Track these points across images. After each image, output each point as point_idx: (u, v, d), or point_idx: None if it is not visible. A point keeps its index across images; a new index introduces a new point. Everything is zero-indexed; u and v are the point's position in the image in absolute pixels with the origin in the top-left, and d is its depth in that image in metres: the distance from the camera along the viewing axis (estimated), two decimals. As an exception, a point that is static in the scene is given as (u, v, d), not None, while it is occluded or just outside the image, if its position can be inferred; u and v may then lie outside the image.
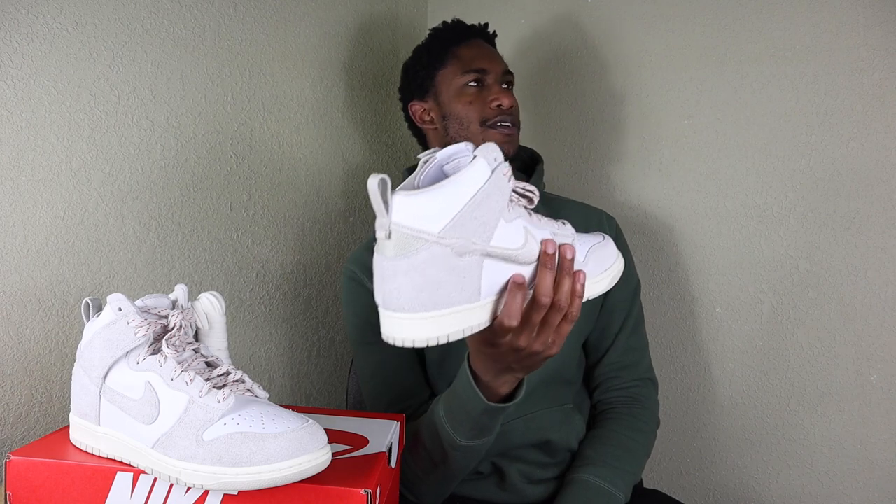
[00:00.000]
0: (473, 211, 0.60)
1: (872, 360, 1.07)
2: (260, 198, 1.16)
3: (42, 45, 0.86)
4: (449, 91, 1.05)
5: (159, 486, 0.62)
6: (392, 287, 0.60)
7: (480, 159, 0.61)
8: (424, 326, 0.60)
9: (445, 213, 0.59)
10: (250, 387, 0.65)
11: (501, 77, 1.06)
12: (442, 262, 0.59)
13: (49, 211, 0.88)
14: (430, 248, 0.59)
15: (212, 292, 0.69)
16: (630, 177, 1.29)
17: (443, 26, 1.12)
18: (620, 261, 0.74)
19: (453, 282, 0.60)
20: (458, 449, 0.83)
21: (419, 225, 0.58)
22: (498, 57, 1.09)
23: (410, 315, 0.60)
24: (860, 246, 1.07)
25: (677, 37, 1.22)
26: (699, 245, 1.23)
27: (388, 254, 0.59)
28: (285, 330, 1.23)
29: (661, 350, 1.27)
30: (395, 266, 0.59)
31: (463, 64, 1.05)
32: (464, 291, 0.61)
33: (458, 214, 0.59)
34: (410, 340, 0.61)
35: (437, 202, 0.59)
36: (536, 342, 0.68)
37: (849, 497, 1.11)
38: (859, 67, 1.05)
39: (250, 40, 1.13)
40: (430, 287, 0.59)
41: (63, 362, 0.90)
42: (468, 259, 0.61)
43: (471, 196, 0.60)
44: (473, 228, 0.60)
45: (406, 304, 0.60)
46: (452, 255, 0.60)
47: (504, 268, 0.64)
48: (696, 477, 1.26)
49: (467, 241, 0.60)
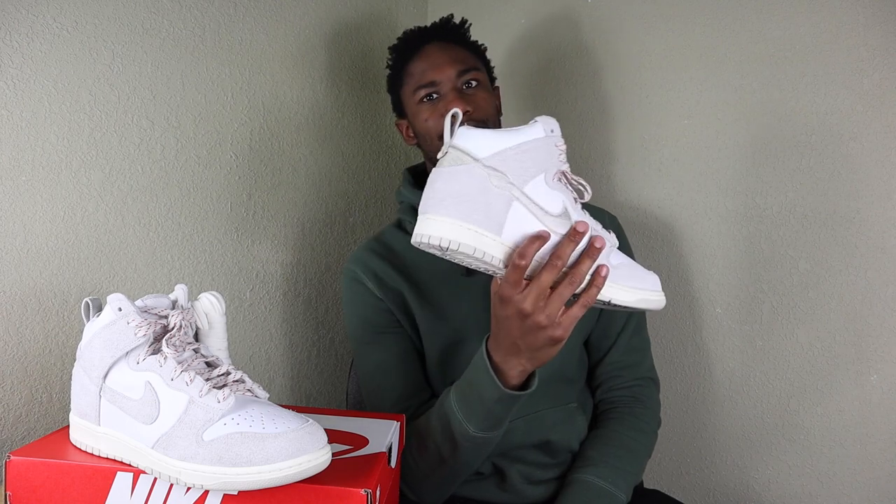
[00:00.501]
0: (518, 154, 0.69)
1: (872, 360, 1.07)
2: (260, 198, 1.16)
3: (42, 45, 0.86)
4: (411, 109, 1.03)
5: (159, 486, 0.62)
6: (430, 190, 0.69)
7: (538, 123, 0.71)
8: (440, 227, 0.67)
9: (495, 146, 0.68)
10: (250, 387, 0.65)
11: (456, 80, 0.98)
12: (477, 181, 0.67)
13: (49, 211, 0.88)
14: (471, 167, 0.68)
15: (212, 292, 0.69)
16: (630, 177, 1.29)
17: (398, 41, 1.07)
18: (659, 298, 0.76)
19: (481, 202, 0.67)
20: (469, 440, 0.83)
21: (472, 148, 0.68)
22: (454, 57, 1.00)
23: (433, 215, 0.68)
24: (860, 246, 1.07)
25: (677, 37, 1.22)
26: (699, 245, 1.23)
27: (440, 165, 0.69)
28: (285, 330, 1.23)
29: (661, 350, 1.27)
30: (438, 172, 0.69)
31: (414, 80, 1.01)
32: (488, 218, 0.68)
33: (504, 150, 0.68)
34: (427, 236, 0.67)
35: (491, 139, 0.69)
36: (542, 312, 0.71)
37: (849, 497, 1.11)
38: (859, 67, 1.05)
39: (250, 40, 1.13)
40: (459, 196, 0.67)
41: (63, 362, 0.90)
42: (499, 191, 0.68)
43: (519, 143, 0.69)
44: (514, 168, 0.68)
45: (433, 206, 0.68)
46: (488, 179, 0.68)
47: (533, 223, 0.69)
48: (696, 477, 1.26)
49: (504, 175, 0.68)
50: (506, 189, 0.68)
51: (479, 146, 0.68)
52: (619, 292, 0.73)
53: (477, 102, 0.98)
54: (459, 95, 0.97)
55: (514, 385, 0.79)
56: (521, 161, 0.68)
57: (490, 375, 0.78)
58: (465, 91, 0.99)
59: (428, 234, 0.67)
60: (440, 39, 1.03)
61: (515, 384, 0.78)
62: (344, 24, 1.31)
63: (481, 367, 0.79)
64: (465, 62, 1.00)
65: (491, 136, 0.69)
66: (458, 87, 0.99)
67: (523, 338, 0.73)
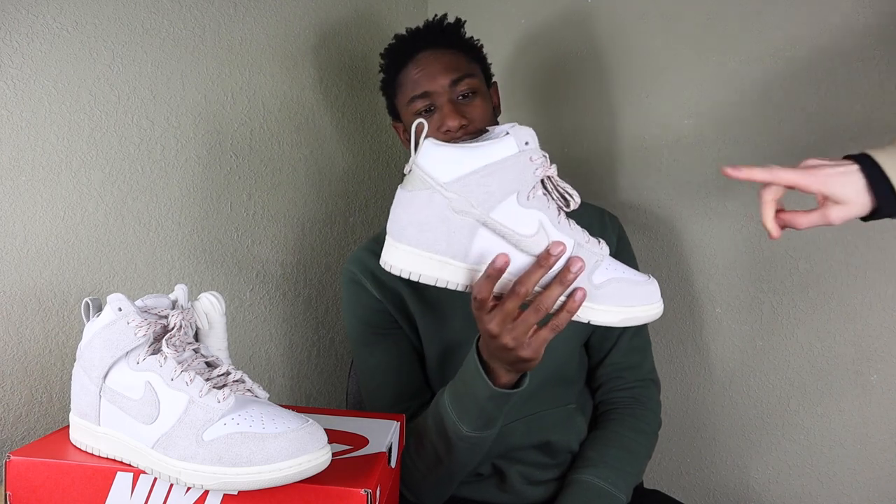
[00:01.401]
0: (483, 178, 0.64)
1: (872, 360, 1.07)
2: (260, 198, 1.16)
3: (42, 45, 0.86)
4: (406, 118, 1.01)
5: (159, 486, 0.62)
6: (393, 215, 0.67)
7: (511, 138, 0.65)
8: (403, 257, 0.66)
9: (457, 169, 0.64)
10: (250, 387, 0.65)
11: (450, 90, 0.96)
12: (437, 210, 0.65)
13: (49, 211, 0.88)
14: (432, 193, 0.65)
15: (212, 292, 0.69)
16: (630, 177, 1.29)
17: (389, 46, 1.04)
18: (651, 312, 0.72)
19: (442, 231, 0.65)
20: (463, 439, 0.83)
21: (432, 171, 0.65)
22: (447, 65, 0.97)
23: (396, 243, 0.67)
24: (860, 246, 1.07)
25: (677, 37, 1.22)
26: (699, 245, 1.22)
27: (403, 186, 0.67)
28: (285, 330, 1.23)
29: (661, 350, 1.27)
30: (400, 195, 0.67)
31: (409, 91, 0.98)
32: (451, 246, 0.66)
33: (467, 175, 0.64)
34: (388, 265, 0.67)
35: (454, 158, 0.65)
36: (508, 335, 0.70)
37: (849, 497, 1.11)
38: (859, 67, 1.05)
39: (250, 40, 1.13)
40: (419, 226, 0.65)
41: (63, 362, 0.90)
42: (462, 218, 0.65)
43: (485, 164, 0.64)
44: (477, 194, 0.64)
45: (396, 233, 0.67)
46: (448, 207, 0.65)
47: (502, 246, 0.67)
48: (696, 477, 1.26)
49: (466, 203, 0.65)
50: (469, 216, 0.65)
51: (441, 170, 0.65)
52: (599, 314, 0.70)
53: (472, 114, 0.96)
54: (454, 108, 0.95)
55: (504, 384, 0.79)
56: (486, 185, 0.64)
57: (481, 374, 0.78)
58: (459, 102, 0.97)
59: (390, 264, 0.67)
60: (432, 45, 1.00)
61: (506, 383, 0.79)
62: (344, 24, 1.31)
63: (472, 367, 0.79)
64: (459, 69, 0.98)
65: (456, 155, 0.65)
66: (452, 99, 0.96)
67: (497, 353, 0.74)
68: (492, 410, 0.81)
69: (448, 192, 0.65)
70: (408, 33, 1.04)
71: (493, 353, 0.75)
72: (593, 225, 1.05)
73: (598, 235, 1.03)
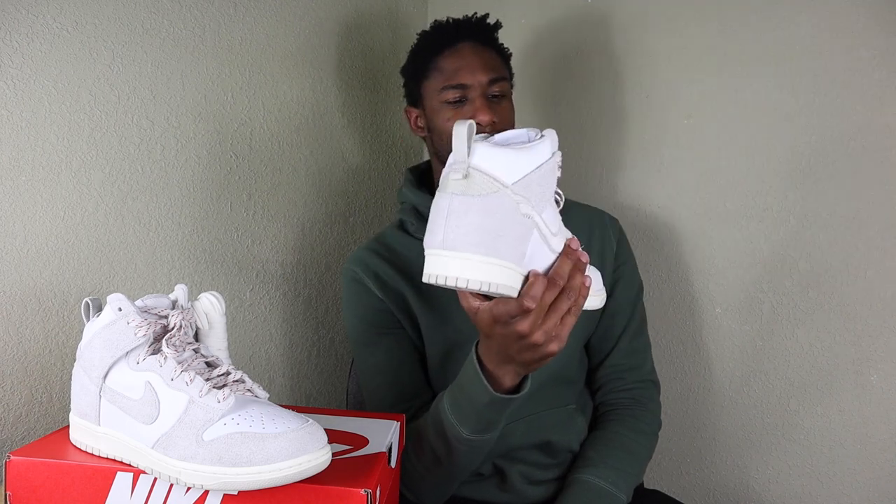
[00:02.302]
0: (540, 178, 0.63)
1: (872, 360, 1.07)
2: (260, 198, 1.16)
3: (42, 45, 0.86)
4: (432, 104, 1.01)
5: (159, 486, 0.62)
6: (458, 223, 0.61)
7: (547, 140, 0.65)
8: (476, 268, 0.61)
9: (519, 170, 0.62)
10: (250, 387, 0.65)
11: (486, 88, 0.98)
12: (511, 212, 0.61)
13: (49, 211, 0.88)
14: (502, 195, 0.61)
15: (212, 292, 0.69)
16: (630, 177, 1.29)
17: (430, 29, 1.05)
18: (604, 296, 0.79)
19: (513, 235, 0.62)
20: (462, 443, 0.83)
21: (496, 173, 0.61)
22: (486, 62, 0.99)
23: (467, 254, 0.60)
24: (860, 246, 1.07)
25: (677, 37, 1.22)
26: (699, 245, 1.22)
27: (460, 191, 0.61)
28: (285, 330, 1.23)
29: (661, 350, 1.27)
30: (467, 203, 0.61)
31: (444, 78, 0.99)
32: (515, 249, 0.63)
33: (529, 175, 0.63)
34: (454, 279, 0.60)
35: (514, 160, 0.62)
36: (539, 330, 0.69)
37: (849, 497, 1.11)
38: (859, 67, 1.05)
39: (250, 40, 1.13)
40: (494, 232, 0.61)
41: (63, 362, 0.90)
42: (526, 220, 0.63)
43: (539, 164, 0.63)
44: (536, 193, 0.63)
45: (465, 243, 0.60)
46: (516, 209, 0.62)
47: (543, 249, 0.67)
48: (696, 477, 1.26)
49: (528, 204, 0.63)
50: (530, 217, 0.63)
51: (503, 170, 0.61)
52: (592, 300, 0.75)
53: (503, 114, 0.98)
54: (487, 104, 0.97)
55: (506, 389, 0.78)
56: (541, 185, 0.64)
57: (480, 380, 0.77)
58: (491, 100, 0.98)
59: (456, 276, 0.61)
60: (474, 39, 1.01)
61: (508, 388, 0.78)
62: (344, 24, 1.31)
63: (472, 372, 0.78)
64: (497, 69, 1.00)
65: (513, 156, 0.62)
66: (486, 95, 0.98)
67: (519, 354, 0.72)
68: (492, 415, 0.80)
69: (515, 194, 0.62)
70: (449, 22, 1.04)
71: (515, 357, 0.73)
72: (593, 226, 1.05)
73: (599, 237, 1.05)
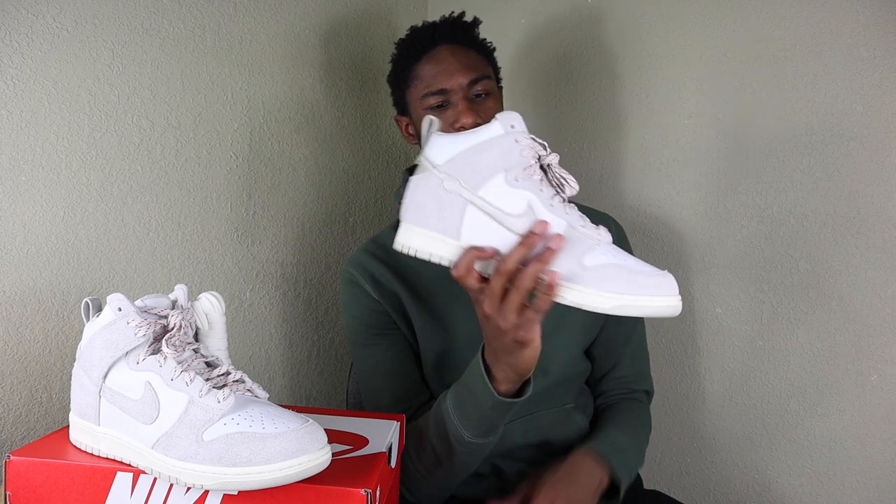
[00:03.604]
0: (470, 157, 0.70)
1: (872, 360, 1.07)
2: (260, 198, 1.16)
3: (42, 45, 0.86)
4: (417, 112, 1.00)
5: (159, 486, 0.62)
6: (405, 200, 0.73)
7: (496, 122, 0.71)
8: (406, 234, 0.72)
9: (450, 152, 0.71)
10: (250, 387, 0.65)
11: (468, 89, 0.97)
12: (431, 188, 0.71)
13: (49, 211, 0.88)
14: (427, 175, 0.72)
15: (212, 292, 0.69)
16: (630, 177, 1.29)
17: (406, 37, 1.04)
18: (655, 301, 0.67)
19: (434, 208, 0.71)
20: (464, 445, 0.83)
21: (430, 156, 0.72)
22: (465, 63, 0.98)
23: (403, 222, 0.73)
24: (860, 246, 1.07)
25: (677, 37, 1.22)
26: (699, 245, 1.22)
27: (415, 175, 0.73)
28: (285, 330, 1.23)
29: (661, 350, 1.27)
30: (412, 183, 0.73)
31: (424, 85, 0.98)
32: (441, 221, 0.71)
33: (458, 155, 0.70)
34: (399, 244, 0.73)
35: (449, 144, 0.71)
36: (499, 315, 0.70)
37: (849, 497, 1.11)
38: (859, 67, 1.05)
39: (250, 40, 1.13)
40: (416, 204, 0.72)
41: (63, 362, 0.90)
42: (452, 196, 0.70)
43: (472, 144, 0.70)
44: (465, 172, 0.70)
45: (402, 213, 0.73)
46: (440, 185, 0.70)
47: (490, 226, 0.70)
48: (696, 477, 1.26)
49: (454, 181, 0.70)
50: (457, 194, 0.70)
51: (437, 153, 0.71)
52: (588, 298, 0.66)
53: (488, 113, 0.97)
54: (469, 106, 0.96)
55: (504, 391, 0.78)
56: (473, 164, 0.69)
57: (485, 382, 0.77)
58: (474, 101, 0.98)
59: (398, 242, 0.73)
60: (450, 41, 1.00)
61: (504, 391, 0.78)
62: (344, 24, 1.31)
63: (476, 374, 0.78)
64: (476, 69, 0.98)
65: (450, 141, 0.71)
66: (468, 97, 0.97)
67: (495, 340, 0.73)
68: (494, 419, 0.81)
69: (440, 173, 0.71)
70: (425, 26, 1.03)
71: (492, 344, 0.75)
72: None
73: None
